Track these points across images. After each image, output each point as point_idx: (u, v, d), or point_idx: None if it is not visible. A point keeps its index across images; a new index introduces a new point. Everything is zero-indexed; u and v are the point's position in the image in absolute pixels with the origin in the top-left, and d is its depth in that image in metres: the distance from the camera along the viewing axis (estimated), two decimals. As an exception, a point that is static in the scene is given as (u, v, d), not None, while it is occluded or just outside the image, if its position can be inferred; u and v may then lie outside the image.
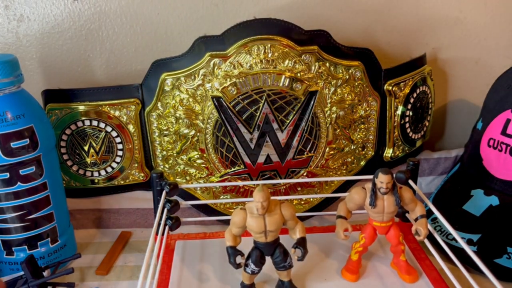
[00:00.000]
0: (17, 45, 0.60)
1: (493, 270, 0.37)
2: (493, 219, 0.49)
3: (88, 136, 0.54)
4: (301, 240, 0.41)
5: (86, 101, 0.53)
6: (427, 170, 0.64)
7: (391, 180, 0.41)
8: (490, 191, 0.52)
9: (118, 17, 0.60)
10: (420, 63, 0.60)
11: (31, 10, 0.58)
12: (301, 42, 0.50)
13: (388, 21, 0.64)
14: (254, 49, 0.50)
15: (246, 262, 0.41)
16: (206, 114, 0.52)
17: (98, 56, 0.61)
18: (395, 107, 0.57)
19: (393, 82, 0.56)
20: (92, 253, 0.52)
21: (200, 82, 0.51)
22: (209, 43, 0.50)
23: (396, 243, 0.44)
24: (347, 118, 0.55)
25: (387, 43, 0.65)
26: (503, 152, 0.51)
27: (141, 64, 0.62)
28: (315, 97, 0.52)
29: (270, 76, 0.50)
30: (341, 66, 0.52)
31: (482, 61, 0.68)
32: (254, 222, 0.39)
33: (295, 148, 0.54)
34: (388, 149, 0.59)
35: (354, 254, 0.45)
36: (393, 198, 0.42)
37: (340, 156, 0.57)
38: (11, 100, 0.43)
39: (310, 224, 0.57)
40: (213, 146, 0.53)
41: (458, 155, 0.63)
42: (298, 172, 0.56)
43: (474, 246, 0.47)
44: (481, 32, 0.66)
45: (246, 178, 0.55)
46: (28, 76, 0.50)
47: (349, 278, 0.45)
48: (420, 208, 0.43)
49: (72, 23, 0.59)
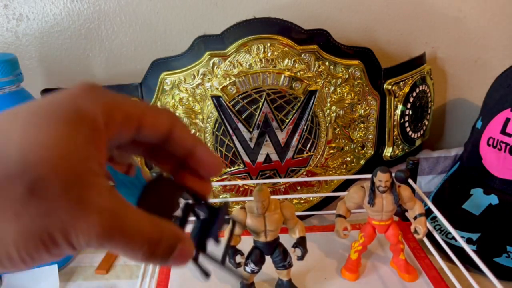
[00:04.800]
0: (16, 44, 0.60)
1: (493, 269, 0.37)
2: (493, 218, 0.49)
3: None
4: (301, 239, 0.41)
5: (86, 100, 0.53)
6: (427, 169, 0.64)
7: (390, 178, 0.41)
8: (490, 190, 0.52)
9: (117, 16, 0.60)
10: (419, 62, 0.60)
11: (31, 9, 0.58)
12: (300, 41, 0.50)
13: (387, 20, 0.64)
14: (253, 48, 0.50)
15: (246, 261, 0.41)
16: (205, 113, 0.52)
17: (97, 55, 0.61)
18: (395, 106, 0.57)
19: (393, 81, 0.56)
20: (91, 252, 0.52)
21: (200, 81, 0.51)
22: (208, 42, 0.50)
23: (395, 242, 0.44)
24: (347, 117, 0.55)
25: (386, 42, 0.65)
26: (502, 151, 0.51)
27: (141, 63, 0.62)
28: (314, 96, 0.52)
29: (270, 75, 0.50)
30: (340, 65, 0.52)
31: (481, 60, 0.68)
32: (254, 222, 0.39)
33: (295, 147, 0.54)
34: (388, 148, 0.59)
35: (354, 253, 0.45)
36: (391, 197, 0.42)
37: (339, 155, 0.57)
38: (10, 99, 0.43)
39: (309, 223, 0.57)
40: (212, 146, 0.53)
41: (458, 154, 0.63)
42: (297, 171, 0.56)
43: (473, 245, 0.47)
44: (481, 31, 0.66)
45: (245, 177, 0.55)
46: (27, 75, 0.49)
47: (349, 277, 0.45)
48: (419, 207, 0.43)
49: (72, 22, 0.59)
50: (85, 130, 0.18)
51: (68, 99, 0.19)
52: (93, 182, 0.18)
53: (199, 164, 0.23)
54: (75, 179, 0.17)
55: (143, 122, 0.21)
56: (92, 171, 0.18)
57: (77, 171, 0.17)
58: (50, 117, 0.18)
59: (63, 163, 0.17)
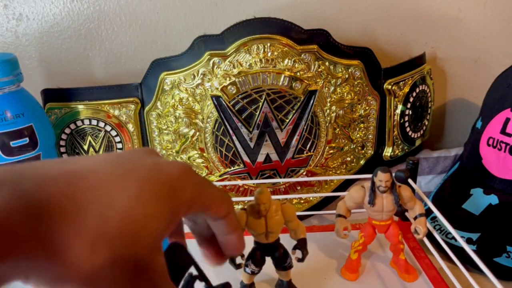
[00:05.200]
0: (16, 44, 0.60)
1: (493, 269, 0.37)
2: (493, 218, 0.49)
3: (88, 135, 0.54)
4: (302, 241, 0.41)
5: (86, 100, 0.53)
6: (427, 169, 0.64)
7: (390, 178, 0.41)
8: (490, 190, 0.52)
9: (117, 16, 0.60)
10: (419, 62, 0.60)
11: (30, 9, 0.58)
12: (300, 41, 0.50)
13: (387, 20, 0.64)
14: (253, 48, 0.50)
15: (246, 262, 0.41)
16: (205, 113, 0.52)
17: (97, 55, 0.61)
18: (395, 106, 0.57)
19: (393, 81, 0.56)
20: None
21: (200, 81, 0.51)
22: (208, 42, 0.50)
23: (395, 242, 0.44)
24: (347, 117, 0.55)
25: (386, 42, 0.65)
26: (502, 151, 0.51)
27: (141, 63, 0.62)
28: (314, 96, 0.52)
29: (270, 75, 0.50)
30: (340, 65, 0.52)
31: (481, 60, 0.68)
32: (255, 223, 0.38)
33: (295, 147, 0.54)
34: (388, 148, 0.59)
35: (354, 253, 0.45)
36: (392, 197, 0.42)
37: (339, 155, 0.57)
38: (10, 99, 0.43)
39: (309, 223, 0.57)
40: (212, 146, 0.53)
41: (458, 154, 0.63)
42: (297, 171, 0.56)
43: (473, 245, 0.47)
44: (481, 31, 0.66)
45: (245, 177, 0.55)
46: (27, 75, 0.50)
47: (349, 277, 0.45)
48: (419, 207, 0.43)
49: (71, 22, 0.59)
50: (170, 212, 0.22)
51: (169, 179, 0.22)
52: (157, 259, 0.21)
53: (229, 244, 0.27)
54: (147, 254, 0.20)
55: (211, 209, 0.24)
56: (159, 249, 0.22)
57: (150, 248, 0.21)
58: (151, 194, 0.21)
59: (144, 240, 0.20)
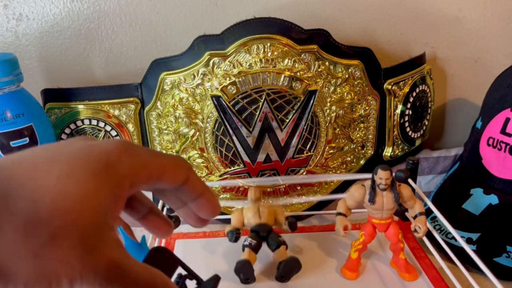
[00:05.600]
0: (16, 44, 0.60)
1: (493, 269, 0.37)
2: (493, 218, 0.49)
3: (88, 135, 0.54)
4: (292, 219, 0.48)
5: (86, 100, 0.53)
6: (427, 169, 0.64)
7: (390, 176, 0.42)
8: (490, 190, 0.52)
9: (117, 16, 0.60)
10: (419, 62, 0.60)
11: (30, 9, 0.58)
12: (300, 41, 0.50)
13: (387, 20, 0.64)
14: (253, 48, 0.50)
15: (244, 242, 0.46)
16: (205, 113, 0.52)
17: (97, 55, 0.61)
18: (395, 106, 0.57)
19: (393, 81, 0.56)
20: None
21: (200, 81, 0.51)
22: (208, 42, 0.50)
23: (395, 241, 0.44)
24: (347, 117, 0.55)
25: (386, 42, 0.65)
26: (502, 151, 0.51)
27: (141, 63, 0.62)
28: (314, 96, 0.52)
29: (270, 75, 0.50)
30: (340, 65, 0.52)
31: (481, 60, 0.68)
32: (251, 212, 0.47)
33: (295, 147, 0.54)
34: (388, 148, 0.59)
35: (354, 252, 0.45)
36: (392, 195, 0.42)
37: (339, 155, 0.57)
38: (10, 99, 0.43)
39: (309, 223, 0.57)
40: (212, 145, 0.53)
41: (458, 154, 0.63)
42: (297, 171, 0.56)
43: (473, 245, 0.47)
44: (481, 31, 0.66)
45: (245, 177, 0.55)
46: (27, 75, 0.50)
47: (349, 276, 0.45)
48: (419, 206, 0.43)
49: (71, 22, 0.59)
50: (111, 187, 0.21)
51: (104, 155, 0.21)
52: (107, 235, 0.20)
53: (201, 208, 0.26)
54: (92, 231, 0.19)
55: (163, 178, 0.24)
56: (107, 225, 0.20)
57: (96, 224, 0.20)
58: (83, 171, 0.20)
59: (85, 216, 0.19)
